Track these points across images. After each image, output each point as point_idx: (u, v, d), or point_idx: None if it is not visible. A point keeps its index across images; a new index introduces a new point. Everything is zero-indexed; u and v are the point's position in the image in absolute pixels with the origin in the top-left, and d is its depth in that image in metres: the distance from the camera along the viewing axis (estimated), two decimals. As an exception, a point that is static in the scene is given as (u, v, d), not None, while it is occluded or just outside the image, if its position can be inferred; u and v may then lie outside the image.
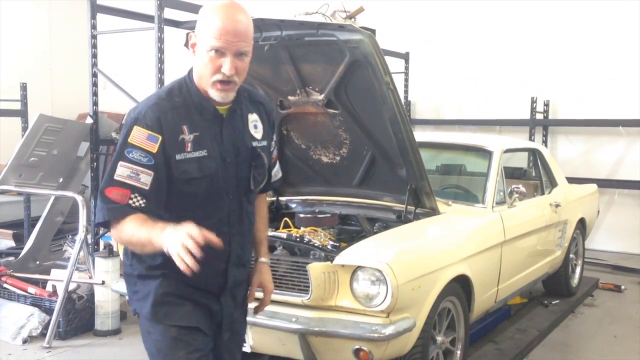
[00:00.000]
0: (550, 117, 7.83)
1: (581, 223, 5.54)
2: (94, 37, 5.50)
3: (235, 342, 2.32)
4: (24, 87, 6.34)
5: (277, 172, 2.35)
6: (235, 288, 2.19)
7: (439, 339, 3.42)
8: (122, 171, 1.93)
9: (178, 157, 1.97)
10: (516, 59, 7.98)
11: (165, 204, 2.00)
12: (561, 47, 7.71)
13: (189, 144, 1.99)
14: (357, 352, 2.96)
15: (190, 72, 2.08)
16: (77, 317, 4.57)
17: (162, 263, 2.03)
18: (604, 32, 7.45)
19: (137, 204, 1.92)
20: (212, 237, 1.81)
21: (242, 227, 2.15)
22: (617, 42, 7.40)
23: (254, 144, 2.14)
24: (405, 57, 8.16)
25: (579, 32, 7.59)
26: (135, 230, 1.90)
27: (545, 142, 7.80)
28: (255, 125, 2.16)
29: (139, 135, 1.94)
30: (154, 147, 1.94)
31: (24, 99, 6.33)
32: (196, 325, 2.10)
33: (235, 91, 2.05)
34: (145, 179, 1.93)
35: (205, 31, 1.97)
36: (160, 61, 4.96)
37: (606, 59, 7.47)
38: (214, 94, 2.01)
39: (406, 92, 8.32)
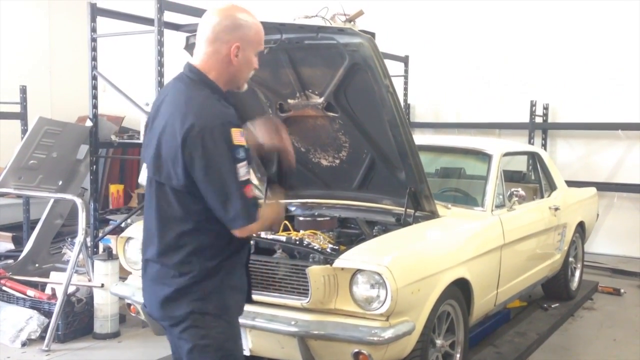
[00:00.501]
0: (550, 120, 7.84)
1: (580, 226, 5.54)
2: (93, 40, 5.51)
3: None
4: (23, 90, 6.34)
5: None
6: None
7: (439, 342, 3.42)
8: (241, 171, 2.09)
9: None
10: (515, 62, 7.99)
11: None
12: (560, 51, 7.73)
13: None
14: (356, 355, 2.96)
15: (209, 77, 2.21)
16: (76, 320, 4.56)
17: (218, 264, 2.21)
18: (604, 35, 7.46)
19: (254, 192, 2.14)
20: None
21: None
22: (616, 45, 7.42)
23: None
24: (405, 60, 8.17)
25: (578, 36, 7.61)
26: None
27: (544, 146, 7.81)
28: None
29: (237, 135, 2.09)
30: (245, 142, 2.13)
31: (23, 102, 6.33)
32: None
33: None
34: (249, 169, 2.16)
35: (253, 39, 2.23)
36: (160, 64, 4.97)
37: (605, 62, 7.48)
38: (245, 85, 2.29)
39: (405, 95, 8.33)
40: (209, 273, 2.20)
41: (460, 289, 3.53)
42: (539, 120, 7.76)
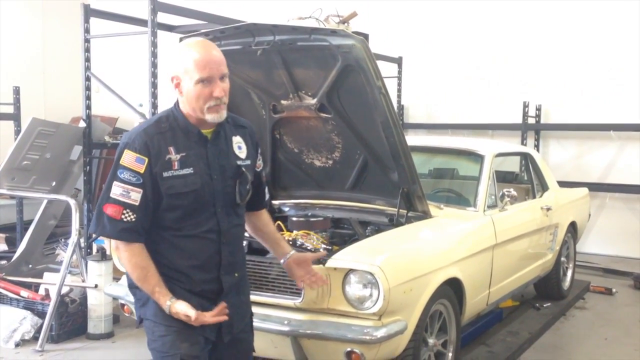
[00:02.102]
0: (542, 121, 7.89)
1: (572, 226, 5.58)
2: (87, 41, 5.51)
3: (239, 350, 2.45)
4: (16, 91, 6.34)
5: (266, 191, 2.66)
6: (233, 296, 2.37)
7: (431, 341, 3.44)
8: (116, 190, 2.19)
9: (165, 174, 2.22)
10: (508, 63, 8.04)
11: (160, 217, 2.24)
12: (553, 53, 7.78)
13: (176, 163, 2.23)
14: (349, 354, 2.98)
15: (176, 103, 2.32)
16: (70, 321, 4.56)
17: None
18: (596, 38, 7.52)
19: (128, 218, 2.18)
20: (209, 319, 2.18)
21: (231, 237, 2.35)
22: (609, 47, 7.47)
23: (238, 162, 2.37)
24: (398, 61, 8.20)
25: (570, 38, 7.66)
26: (141, 272, 2.19)
27: (537, 146, 7.86)
28: (239, 146, 2.40)
29: (129, 158, 2.20)
30: (141, 168, 2.19)
31: (16, 103, 6.33)
32: (192, 327, 2.23)
33: (226, 109, 2.28)
34: (135, 196, 2.18)
35: (188, 68, 2.20)
36: (154, 65, 4.97)
37: (599, 64, 7.54)
38: (211, 117, 2.24)
39: (399, 96, 8.36)
40: None
41: (453, 289, 3.55)
42: (531, 121, 7.81)
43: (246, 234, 2.64)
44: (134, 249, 2.20)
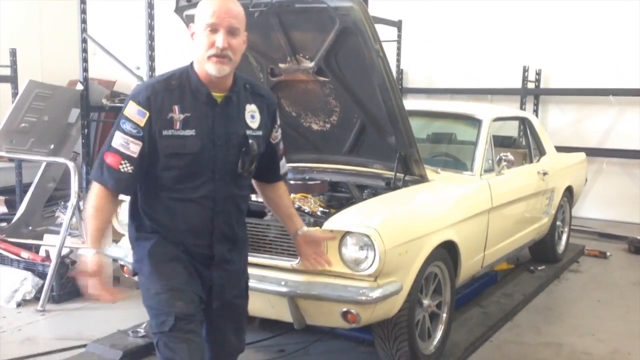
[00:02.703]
0: (542, 86, 7.86)
1: (568, 191, 5.62)
2: (83, 2, 5.45)
3: (232, 314, 2.47)
4: (13, 53, 6.29)
5: (283, 164, 2.63)
6: (225, 264, 2.38)
7: (426, 302, 3.50)
8: (117, 139, 2.22)
9: (165, 132, 2.22)
10: (509, 28, 7.96)
11: (157, 176, 2.25)
12: (553, 17, 7.69)
13: (178, 123, 2.22)
14: (345, 314, 3.03)
15: (192, 63, 2.30)
16: (71, 282, 4.61)
17: (152, 228, 2.32)
18: (597, 3, 7.43)
19: (125, 169, 2.20)
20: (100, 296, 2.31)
21: (227, 207, 2.34)
22: (609, 11, 7.39)
23: (248, 132, 2.34)
24: (398, 25, 8.10)
25: (572, 2, 7.57)
26: (94, 212, 2.25)
27: (536, 111, 7.84)
28: (252, 115, 2.36)
29: (132, 110, 2.22)
30: (141, 121, 2.21)
31: (13, 65, 6.28)
32: (186, 286, 2.28)
33: (230, 68, 2.24)
34: (134, 147, 2.20)
35: (201, 17, 2.21)
36: (151, 27, 4.94)
37: (599, 29, 7.47)
38: (211, 68, 2.20)
39: (399, 60, 8.29)
40: (141, 236, 2.37)
41: (448, 251, 3.60)
42: (531, 85, 7.78)
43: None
44: (106, 193, 2.23)
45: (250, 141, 2.33)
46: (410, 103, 6.51)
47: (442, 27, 8.36)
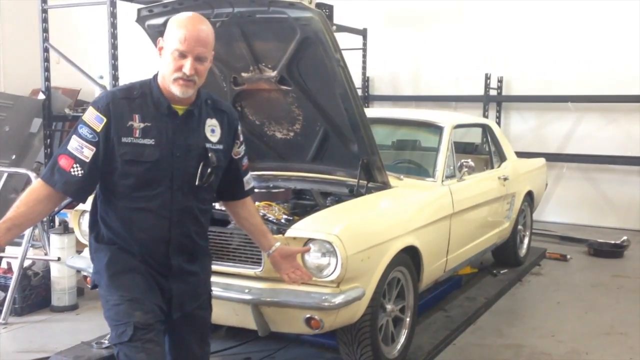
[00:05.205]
0: (504, 93, 8.03)
1: (529, 196, 5.75)
2: (44, 11, 5.41)
3: (194, 326, 2.48)
4: (-27, 62, 6.20)
5: (249, 180, 2.62)
6: (185, 275, 2.40)
7: (389, 307, 3.55)
8: (73, 143, 2.24)
9: (124, 139, 2.24)
10: (472, 36, 8.14)
11: (115, 183, 2.28)
12: (514, 25, 7.89)
13: (137, 131, 2.25)
14: (308, 320, 3.06)
15: (155, 75, 2.35)
16: (33, 294, 4.57)
17: (110, 238, 2.33)
18: (555, 10, 7.64)
19: (76, 172, 2.22)
20: None
21: (183, 218, 2.35)
22: (568, 20, 7.61)
23: (207, 145, 2.36)
24: (363, 33, 8.22)
25: (531, 12, 7.77)
26: (19, 203, 2.25)
27: (498, 118, 8.02)
28: (212, 129, 2.39)
29: (90, 115, 2.26)
30: (98, 127, 2.24)
31: (-27, 74, 6.19)
32: (145, 295, 2.29)
33: (194, 90, 2.29)
34: (87, 152, 2.23)
35: (172, 38, 2.24)
36: (113, 36, 4.92)
37: (557, 36, 7.69)
38: (175, 89, 2.25)
39: (364, 68, 8.40)
40: (99, 246, 2.37)
41: (410, 257, 3.66)
42: (493, 93, 7.95)
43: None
44: (47, 193, 2.22)
45: (209, 154, 2.34)
46: (376, 111, 6.61)
47: (407, 35, 8.49)
